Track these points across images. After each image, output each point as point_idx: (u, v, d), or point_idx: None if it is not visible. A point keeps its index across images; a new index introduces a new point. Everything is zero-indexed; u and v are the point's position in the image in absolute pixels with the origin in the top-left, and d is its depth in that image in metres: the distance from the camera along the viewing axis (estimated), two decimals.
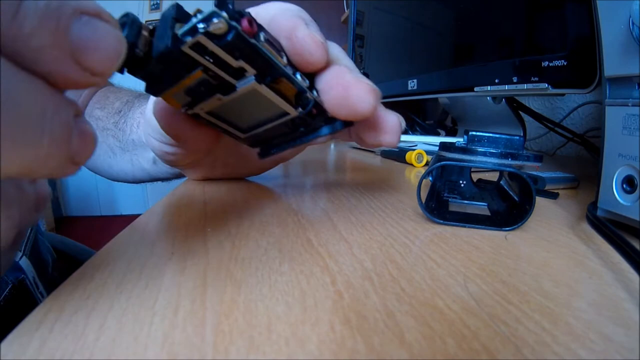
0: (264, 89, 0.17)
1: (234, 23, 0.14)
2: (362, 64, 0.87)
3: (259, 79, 0.16)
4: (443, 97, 0.64)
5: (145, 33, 0.14)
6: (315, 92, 0.18)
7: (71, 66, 0.10)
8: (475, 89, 0.45)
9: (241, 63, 0.15)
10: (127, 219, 0.20)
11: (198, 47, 0.14)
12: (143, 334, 0.10)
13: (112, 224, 2.12)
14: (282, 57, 0.16)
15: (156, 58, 0.14)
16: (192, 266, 0.14)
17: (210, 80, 0.16)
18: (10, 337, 0.10)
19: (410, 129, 0.86)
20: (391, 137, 0.20)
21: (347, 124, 0.20)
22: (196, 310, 0.11)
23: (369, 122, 0.20)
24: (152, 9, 2.55)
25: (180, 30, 0.14)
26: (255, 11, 0.19)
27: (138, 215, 0.21)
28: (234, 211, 0.22)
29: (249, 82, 0.16)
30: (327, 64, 0.18)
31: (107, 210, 2.42)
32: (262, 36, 0.15)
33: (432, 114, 0.97)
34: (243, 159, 0.30)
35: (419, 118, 0.88)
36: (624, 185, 0.19)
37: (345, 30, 0.91)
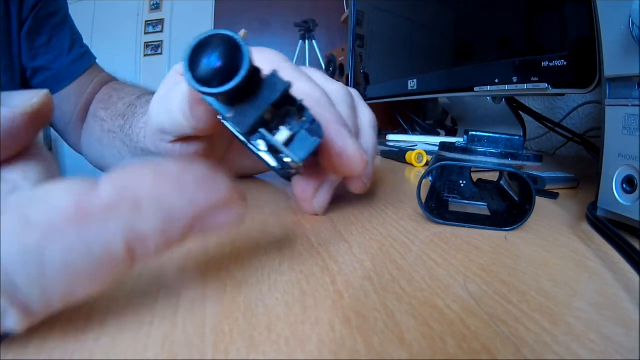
0: None
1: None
2: (362, 64, 0.87)
3: None
4: (443, 97, 0.64)
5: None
6: None
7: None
8: (475, 89, 0.45)
9: None
10: None
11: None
12: (143, 334, 0.10)
13: None
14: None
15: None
16: (192, 266, 0.14)
17: None
18: (10, 337, 0.10)
19: (410, 129, 0.86)
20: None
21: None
22: (196, 310, 0.11)
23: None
24: (152, 9, 2.55)
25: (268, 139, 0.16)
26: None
27: None
28: None
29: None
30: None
31: None
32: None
33: (432, 114, 0.97)
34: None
35: (419, 118, 0.88)
36: (624, 185, 0.19)
37: (345, 30, 0.91)
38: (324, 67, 1.49)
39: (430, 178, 0.26)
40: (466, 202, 0.25)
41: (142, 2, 2.53)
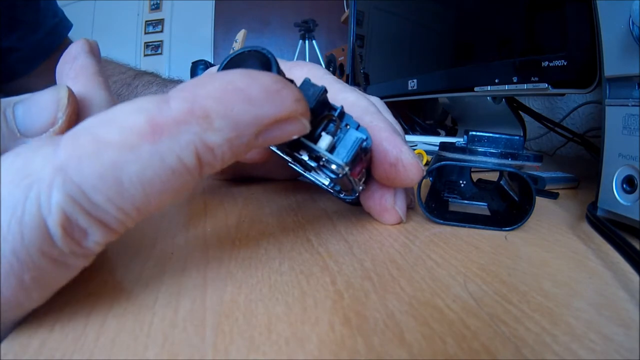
0: None
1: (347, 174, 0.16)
2: (362, 64, 0.87)
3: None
4: (443, 97, 0.64)
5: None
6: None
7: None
8: (475, 89, 0.45)
9: None
10: None
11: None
12: (143, 334, 0.10)
13: None
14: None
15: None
16: (192, 266, 0.14)
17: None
18: (10, 337, 0.10)
19: (410, 129, 0.86)
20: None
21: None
22: (196, 310, 0.11)
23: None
24: (152, 9, 2.55)
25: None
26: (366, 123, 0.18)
27: None
28: (234, 211, 0.22)
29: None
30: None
31: None
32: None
33: (432, 114, 0.97)
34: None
35: (419, 118, 0.88)
36: (624, 185, 0.19)
37: (345, 30, 0.91)
38: (323, 67, 1.49)
39: (430, 178, 0.25)
40: (466, 202, 0.25)
41: (142, 2, 2.53)
